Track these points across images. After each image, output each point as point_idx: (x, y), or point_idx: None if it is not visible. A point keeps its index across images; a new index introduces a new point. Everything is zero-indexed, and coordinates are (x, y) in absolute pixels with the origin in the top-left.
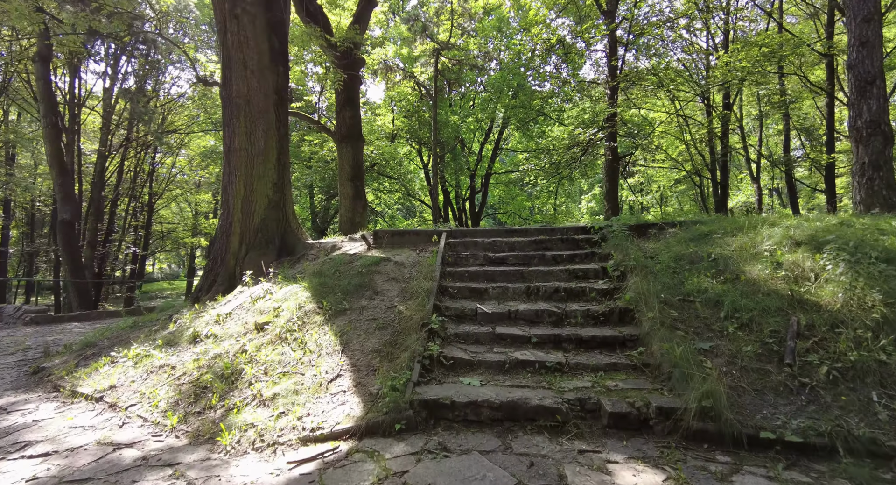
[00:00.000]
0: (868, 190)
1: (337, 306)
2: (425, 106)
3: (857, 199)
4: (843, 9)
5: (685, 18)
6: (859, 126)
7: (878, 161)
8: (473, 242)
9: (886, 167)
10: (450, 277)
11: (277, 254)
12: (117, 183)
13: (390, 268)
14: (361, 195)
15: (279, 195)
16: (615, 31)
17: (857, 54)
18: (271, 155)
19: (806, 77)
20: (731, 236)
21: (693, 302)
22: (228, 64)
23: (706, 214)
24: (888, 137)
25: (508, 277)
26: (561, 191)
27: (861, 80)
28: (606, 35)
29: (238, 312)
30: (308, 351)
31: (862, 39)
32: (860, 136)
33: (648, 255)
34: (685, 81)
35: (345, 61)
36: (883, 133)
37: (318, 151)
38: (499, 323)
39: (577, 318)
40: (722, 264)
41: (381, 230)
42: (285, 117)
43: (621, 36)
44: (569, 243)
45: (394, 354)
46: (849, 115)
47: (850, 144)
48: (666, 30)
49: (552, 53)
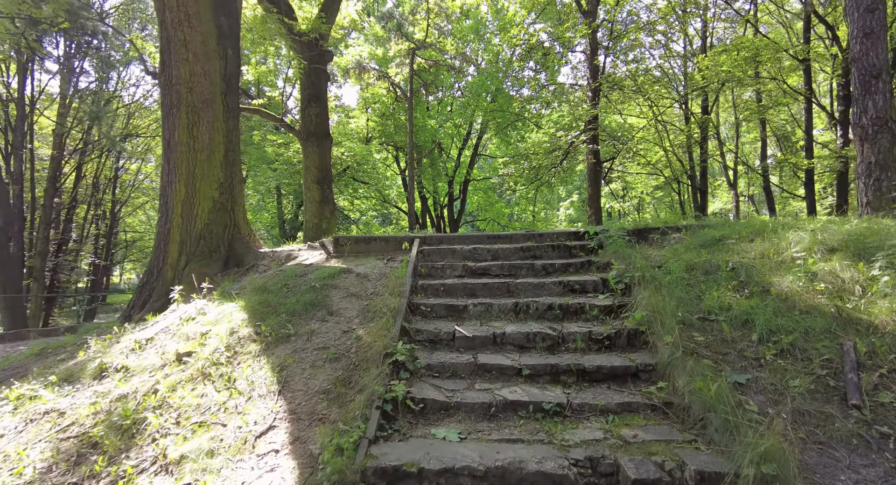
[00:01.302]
0: (876, 192)
1: (279, 331)
2: (401, 108)
3: (864, 201)
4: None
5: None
6: (864, 123)
7: (886, 160)
8: (451, 250)
9: (895, 167)
10: (422, 292)
11: (223, 264)
12: (74, 189)
13: (351, 281)
14: (329, 199)
15: (227, 197)
16: (596, 33)
17: (860, 46)
18: (217, 151)
19: (784, 82)
20: (749, 242)
21: (716, 321)
22: (167, 46)
23: (694, 221)
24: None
25: (492, 292)
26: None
27: (865, 73)
28: (587, 36)
29: (161, 338)
30: (235, 392)
31: (865, 30)
32: (866, 133)
33: (655, 263)
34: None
35: (311, 53)
36: (890, 130)
37: (284, 153)
38: (482, 349)
39: (576, 342)
40: (744, 275)
41: (343, 236)
42: (235, 109)
43: (601, 39)
44: (560, 251)
45: (346, 397)
46: (852, 112)
47: (855, 142)
48: (644, 35)
49: (531, 57)
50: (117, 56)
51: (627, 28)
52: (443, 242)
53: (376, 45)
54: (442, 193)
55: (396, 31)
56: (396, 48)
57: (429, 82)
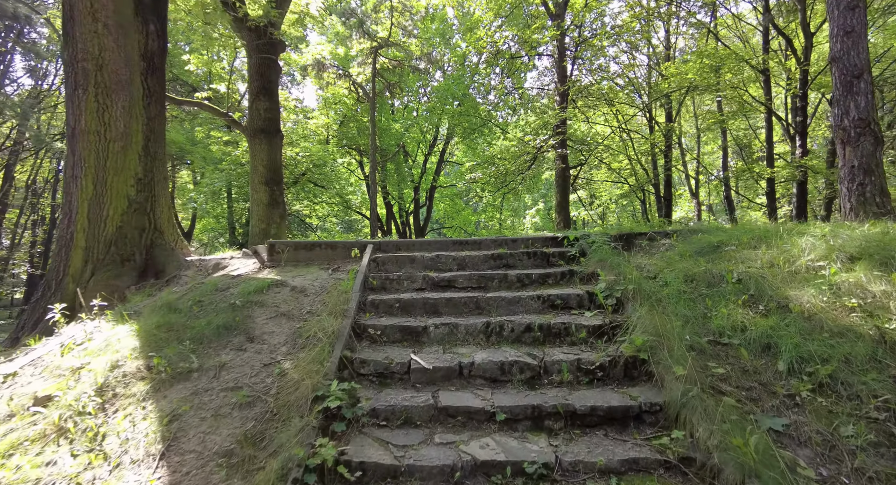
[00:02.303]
0: (859, 197)
1: (177, 365)
2: (364, 110)
3: (848, 206)
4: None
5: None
6: (846, 125)
7: (870, 164)
8: (410, 259)
9: (878, 171)
10: (372, 310)
11: (139, 275)
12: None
13: (283, 296)
14: (279, 202)
15: (146, 195)
16: (564, 36)
17: (840, 45)
18: (135, 141)
19: (746, 91)
20: (752, 249)
21: (730, 345)
22: (71, 14)
23: (682, 226)
24: (878, 138)
25: (458, 309)
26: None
27: (847, 73)
28: (556, 37)
29: (25, 374)
30: (100, 456)
31: (846, 29)
32: (847, 136)
33: (648, 274)
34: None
35: (259, 41)
36: (873, 133)
37: (232, 151)
38: (444, 385)
39: (562, 373)
40: (754, 288)
41: (280, 242)
42: (160, 93)
43: (568, 44)
44: (537, 259)
45: (255, 462)
46: (833, 114)
47: (837, 145)
48: (608, 44)
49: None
50: (52, 47)
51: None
52: (400, 249)
53: (337, 44)
54: (408, 199)
55: (358, 28)
56: (359, 47)
57: (393, 83)
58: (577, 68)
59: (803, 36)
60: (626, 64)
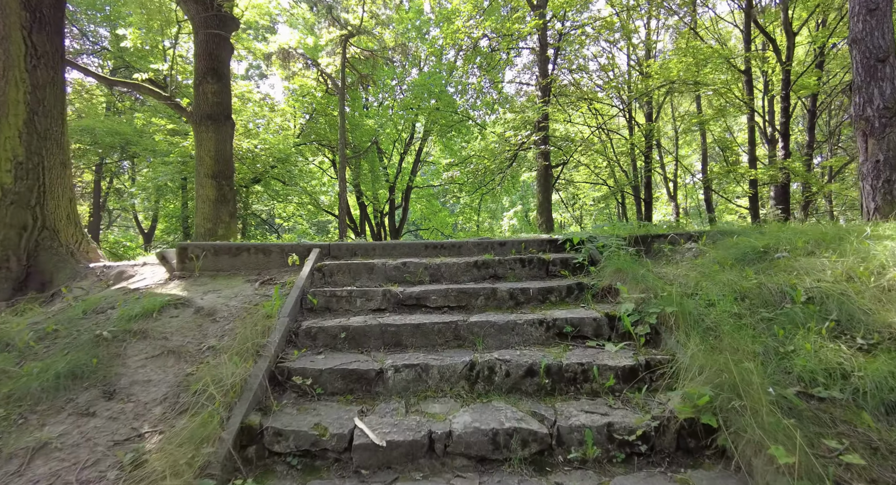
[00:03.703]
0: (886, 195)
1: None
2: (333, 103)
3: (871, 206)
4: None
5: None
6: (870, 115)
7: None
8: (368, 267)
9: None
10: (308, 344)
11: (15, 287)
12: None
13: (180, 323)
14: (228, 199)
15: (29, 184)
16: (546, 28)
17: (863, 25)
18: (14, 115)
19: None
20: (810, 256)
21: (831, 401)
22: None
23: (710, 226)
24: None
25: (429, 340)
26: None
27: (870, 56)
28: (539, 27)
29: None
30: None
31: (870, 6)
32: (871, 127)
33: (682, 290)
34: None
35: (206, 14)
36: None
37: (180, 142)
38: (406, 471)
39: (585, 446)
40: (836, 310)
41: (195, 245)
42: (54, 57)
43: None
44: (534, 268)
45: None
46: (854, 103)
47: (857, 138)
48: (590, 43)
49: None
50: None
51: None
52: (356, 254)
53: (306, 32)
54: (382, 200)
55: (327, 15)
56: (328, 36)
57: (366, 74)
58: (557, 69)
59: (785, 36)
60: (605, 65)
